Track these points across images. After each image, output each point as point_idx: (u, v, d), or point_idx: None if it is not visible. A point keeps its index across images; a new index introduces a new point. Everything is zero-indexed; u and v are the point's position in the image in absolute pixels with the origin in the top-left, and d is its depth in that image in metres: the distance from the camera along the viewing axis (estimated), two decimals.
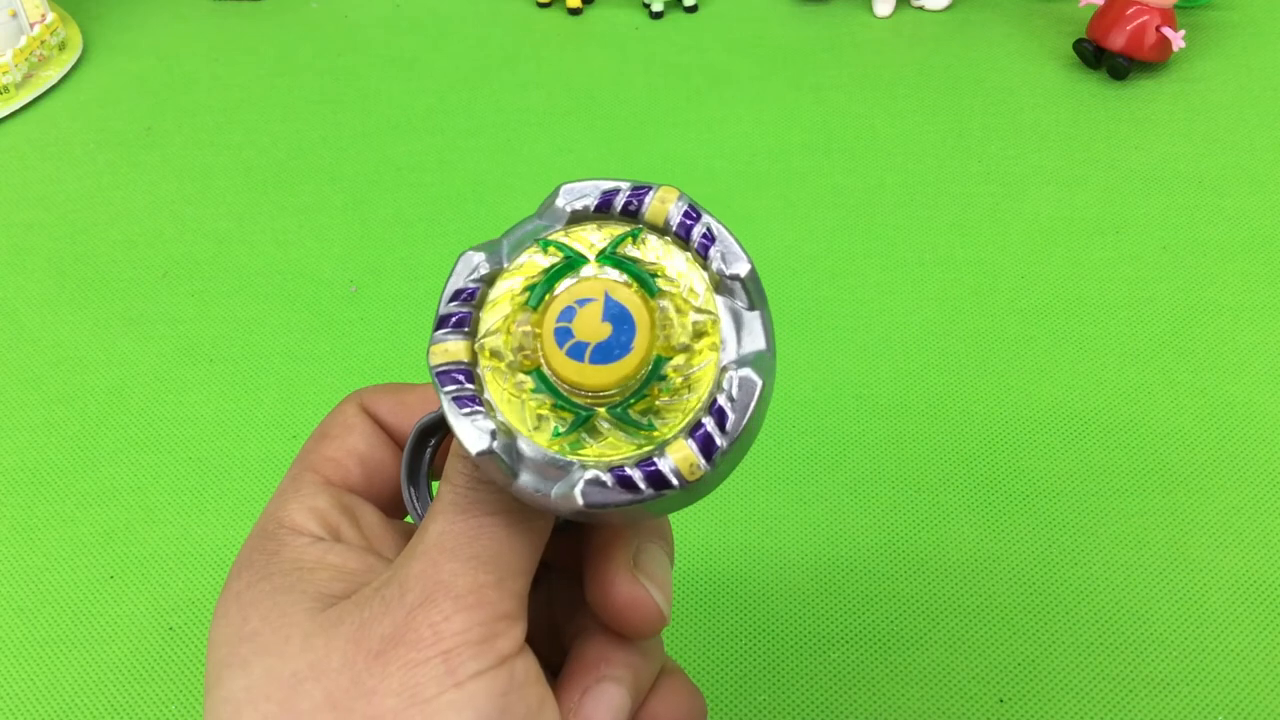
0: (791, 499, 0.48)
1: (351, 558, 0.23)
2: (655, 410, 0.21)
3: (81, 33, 0.81)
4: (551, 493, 0.21)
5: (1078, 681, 0.42)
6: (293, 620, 0.21)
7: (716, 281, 0.22)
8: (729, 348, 0.21)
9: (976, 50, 0.75)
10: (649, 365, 0.21)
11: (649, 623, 0.24)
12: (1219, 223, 0.61)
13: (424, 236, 0.62)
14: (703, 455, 0.20)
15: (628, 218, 0.22)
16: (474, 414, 0.21)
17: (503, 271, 0.22)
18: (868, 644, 0.43)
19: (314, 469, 0.25)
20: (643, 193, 0.22)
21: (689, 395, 0.21)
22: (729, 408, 0.21)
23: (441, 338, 0.22)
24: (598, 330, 0.21)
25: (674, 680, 0.26)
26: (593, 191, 0.22)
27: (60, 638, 0.44)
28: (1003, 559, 0.45)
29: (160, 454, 0.51)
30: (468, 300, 0.22)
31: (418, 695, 0.20)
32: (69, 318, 0.58)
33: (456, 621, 0.20)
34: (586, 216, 0.22)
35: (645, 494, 0.20)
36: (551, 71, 0.75)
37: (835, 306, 0.57)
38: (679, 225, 0.22)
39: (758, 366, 0.21)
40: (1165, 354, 0.53)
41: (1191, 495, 0.47)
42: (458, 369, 0.21)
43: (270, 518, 0.24)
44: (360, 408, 0.26)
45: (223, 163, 0.69)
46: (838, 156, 0.67)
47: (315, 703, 0.20)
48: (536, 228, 0.22)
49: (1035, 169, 0.65)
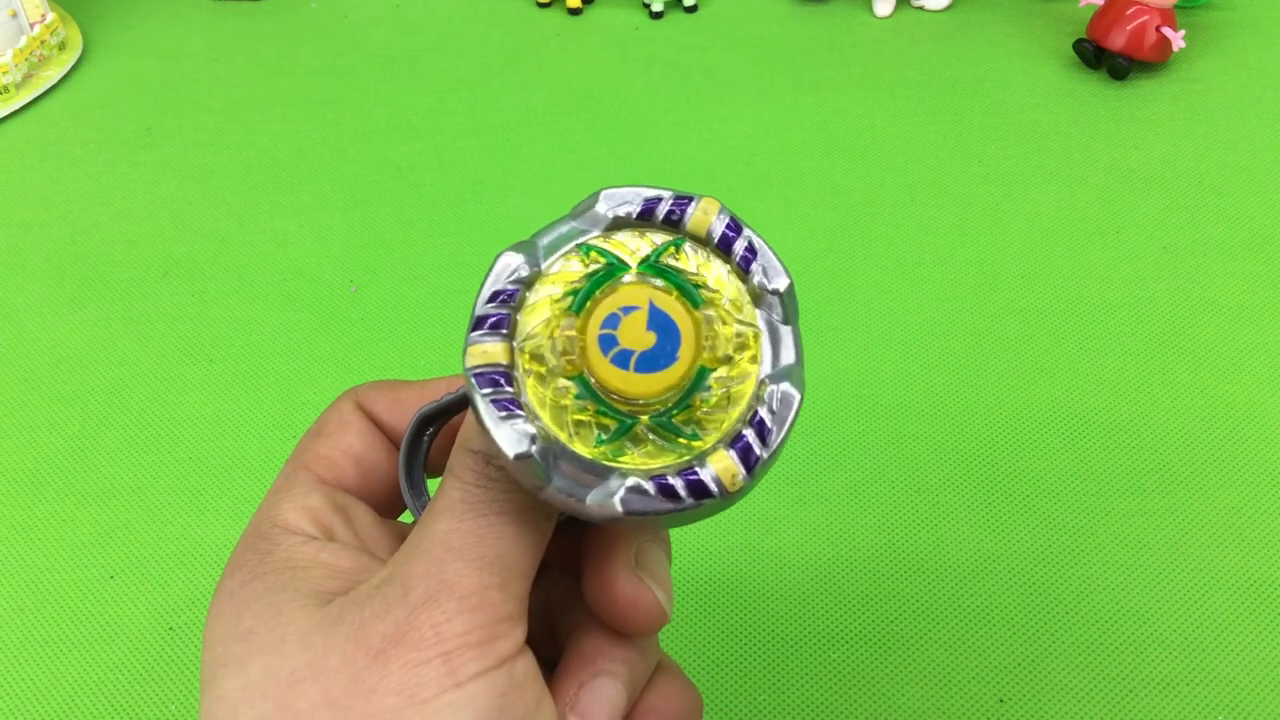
0: (791, 499, 0.48)
1: (345, 557, 0.23)
2: (697, 421, 0.21)
3: (81, 33, 0.81)
4: (587, 499, 0.21)
5: (1078, 681, 0.42)
6: (288, 619, 0.21)
7: (756, 295, 0.22)
8: (766, 361, 0.22)
9: (976, 50, 0.75)
10: (694, 375, 0.21)
11: (652, 620, 0.24)
12: (1219, 223, 0.61)
13: (424, 236, 0.62)
14: (743, 465, 0.21)
15: (669, 227, 0.22)
16: (513, 417, 0.20)
17: (541, 275, 0.22)
18: (868, 644, 0.43)
19: (308, 467, 0.25)
20: (685, 203, 0.22)
21: (730, 408, 0.21)
22: (769, 420, 0.21)
23: (479, 339, 0.21)
24: (643, 338, 0.21)
25: (669, 675, 0.26)
26: (635, 199, 0.22)
27: (60, 638, 0.44)
28: (1003, 559, 0.45)
29: (160, 454, 0.51)
30: (506, 302, 0.21)
31: (417, 695, 0.20)
32: (69, 318, 0.58)
33: (459, 623, 0.20)
34: (627, 223, 0.22)
35: (686, 503, 0.20)
36: (551, 71, 0.75)
37: (835, 306, 0.57)
38: (721, 237, 0.22)
39: (794, 381, 0.21)
40: (1165, 354, 0.53)
41: (1191, 495, 0.47)
42: (496, 371, 0.21)
43: (264, 517, 0.24)
44: (356, 405, 0.26)
45: (223, 163, 0.69)
46: (838, 156, 0.67)
47: (313, 702, 0.20)
48: (573, 230, 0.22)
49: (1035, 169, 0.65)
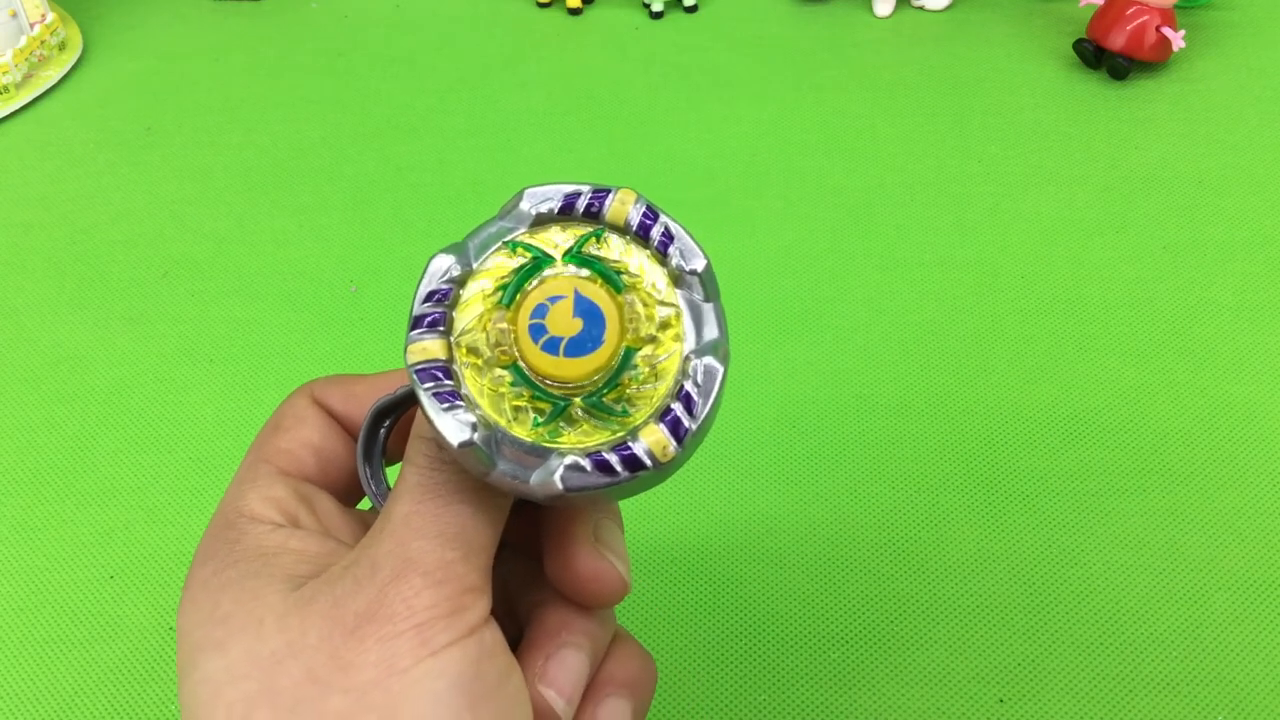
0: (791, 499, 0.48)
1: (312, 542, 0.24)
2: (627, 398, 0.23)
3: (81, 33, 0.81)
4: (530, 479, 0.22)
5: (1078, 681, 0.42)
6: (265, 602, 0.22)
7: (675, 276, 0.23)
8: (689, 338, 0.23)
9: (976, 50, 0.75)
10: (620, 356, 0.23)
11: (614, 592, 0.25)
12: (1219, 223, 0.61)
13: (424, 236, 0.62)
14: (673, 437, 0.22)
15: (589, 219, 0.23)
16: (454, 408, 0.22)
17: (473, 272, 0.23)
18: (868, 644, 0.43)
19: (269, 460, 0.26)
20: (603, 195, 0.23)
21: (657, 384, 0.23)
22: (695, 393, 0.22)
23: (418, 337, 0.22)
24: (570, 325, 0.22)
25: (626, 645, 0.27)
26: (555, 195, 0.23)
27: (60, 638, 0.44)
28: (1003, 558, 0.45)
29: (160, 454, 0.51)
30: (441, 301, 0.23)
31: (395, 666, 0.21)
32: (69, 318, 0.58)
33: (426, 596, 0.21)
34: (550, 219, 0.23)
35: (621, 476, 0.22)
36: (551, 71, 0.75)
37: (835, 306, 0.57)
38: (639, 225, 0.23)
39: (717, 354, 0.23)
40: (1165, 354, 0.53)
41: (1191, 495, 0.47)
42: (436, 366, 0.22)
43: (229, 508, 0.25)
44: (311, 399, 0.27)
45: (223, 163, 0.69)
46: (838, 156, 0.67)
47: (295, 679, 0.21)
48: (501, 229, 0.23)
49: (1035, 169, 0.65)
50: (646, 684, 0.27)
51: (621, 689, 0.26)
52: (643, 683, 0.27)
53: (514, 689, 0.23)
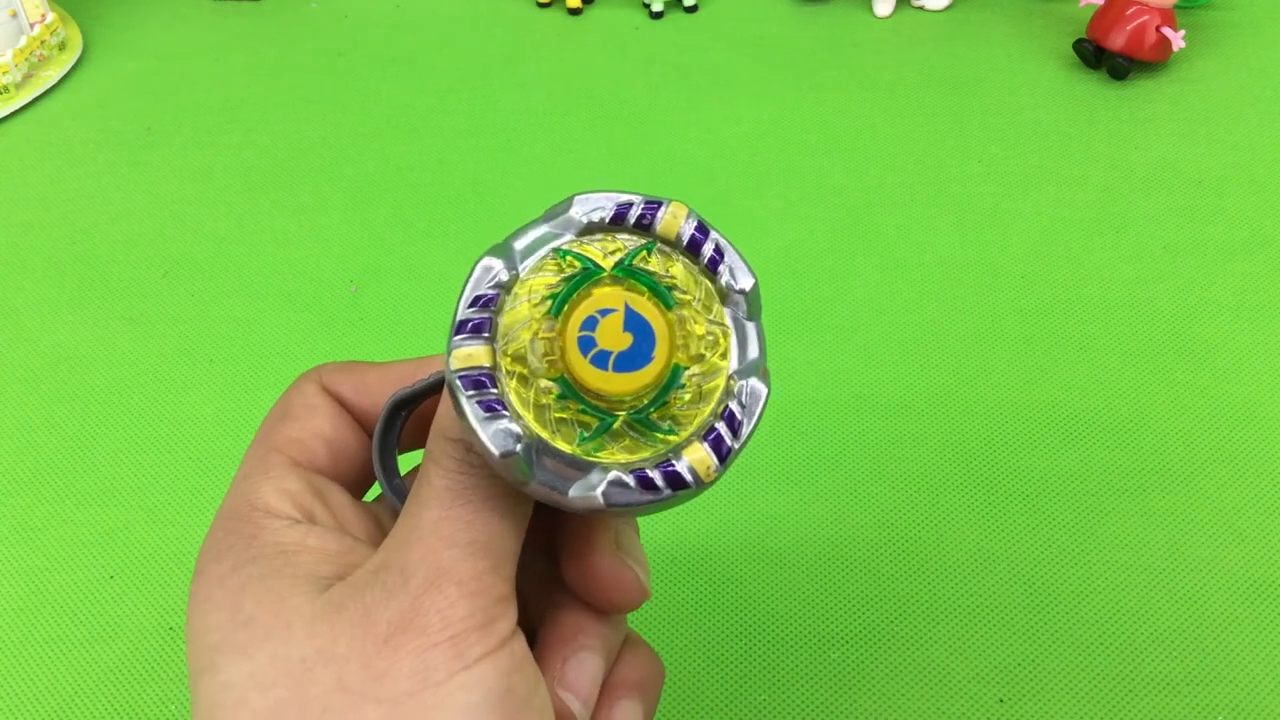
0: (791, 499, 0.48)
1: (330, 540, 0.23)
2: (673, 416, 0.22)
3: (81, 33, 0.81)
4: (570, 492, 0.21)
5: (1078, 681, 0.42)
6: (292, 605, 0.21)
7: (723, 294, 0.23)
8: (734, 357, 0.23)
9: (976, 50, 0.75)
10: (669, 374, 0.22)
11: (634, 599, 0.25)
12: (1219, 223, 0.61)
13: (424, 236, 0.62)
14: (716, 457, 0.22)
15: (640, 231, 0.23)
16: (497, 418, 0.21)
17: (519, 279, 0.23)
18: (868, 644, 0.43)
19: (280, 450, 0.25)
20: (655, 207, 0.23)
21: (702, 403, 0.23)
22: (739, 413, 0.22)
23: (461, 342, 0.22)
24: (620, 340, 0.22)
25: (638, 647, 0.27)
26: (607, 204, 0.23)
27: (60, 638, 0.44)
28: (1003, 559, 0.45)
29: (160, 454, 0.51)
30: (487, 306, 0.22)
31: (430, 678, 0.20)
32: (69, 318, 0.58)
33: (461, 607, 0.21)
34: (599, 228, 0.23)
35: (664, 494, 0.22)
36: (551, 71, 0.75)
37: (835, 306, 0.57)
38: (689, 240, 0.23)
39: (760, 374, 0.23)
40: (1165, 354, 0.53)
41: (1191, 495, 0.47)
42: (480, 373, 0.21)
43: (241, 500, 0.24)
44: (320, 387, 0.27)
45: (223, 163, 0.69)
46: (838, 156, 0.67)
47: (326, 687, 0.20)
48: (547, 234, 0.23)
49: (1035, 169, 0.65)
50: (657, 686, 0.27)
51: (634, 691, 0.26)
52: (654, 685, 0.27)
53: (541, 701, 0.22)
